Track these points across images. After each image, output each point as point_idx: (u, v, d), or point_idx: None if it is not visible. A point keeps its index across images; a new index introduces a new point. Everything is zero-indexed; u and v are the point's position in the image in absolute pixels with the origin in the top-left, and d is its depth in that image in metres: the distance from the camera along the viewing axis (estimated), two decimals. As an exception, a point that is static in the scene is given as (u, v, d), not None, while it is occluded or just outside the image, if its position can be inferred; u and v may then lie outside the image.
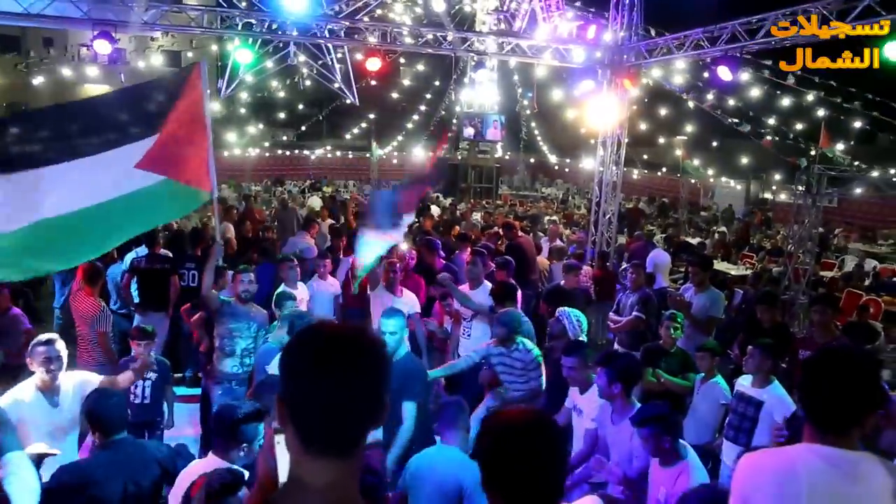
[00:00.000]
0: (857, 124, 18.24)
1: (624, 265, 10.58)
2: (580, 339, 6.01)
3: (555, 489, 1.81)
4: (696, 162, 24.58)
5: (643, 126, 25.20)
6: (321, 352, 1.28)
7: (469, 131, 24.32)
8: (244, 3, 12.73)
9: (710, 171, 26.09)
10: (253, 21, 11.77)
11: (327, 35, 12.26)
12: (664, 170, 29.01)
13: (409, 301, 7.11)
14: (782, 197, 23.36)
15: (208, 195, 6.27)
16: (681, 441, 3.94)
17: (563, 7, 13.89)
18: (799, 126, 19.72)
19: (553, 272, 11.01)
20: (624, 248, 14.06)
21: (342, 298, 8.15)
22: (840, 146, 17.10)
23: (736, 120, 18.88)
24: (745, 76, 17.56)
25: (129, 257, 8.71)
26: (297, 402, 1.29)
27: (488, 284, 7.33)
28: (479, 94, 23.09)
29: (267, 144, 31.25)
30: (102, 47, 10.59)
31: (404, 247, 8.63)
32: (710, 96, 17.29)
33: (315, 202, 18.92)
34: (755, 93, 17.42)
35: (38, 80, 18.90)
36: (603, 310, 10.13)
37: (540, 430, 1.82)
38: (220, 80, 14.82)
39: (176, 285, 8.46)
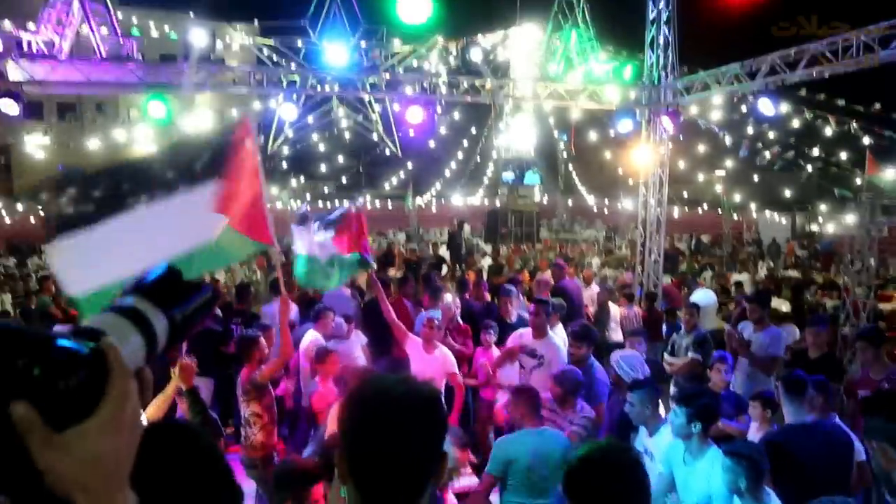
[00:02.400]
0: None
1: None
2: (641, 377, 5.89)
3: None
4: (737, 197, 24.27)
5: (681, 163, 25.10)
6: (378, 405, 1.31)
7: (508, 175, 24.50)
8: (284, 60, 13.19)
9: (753, 205, 25.68)
10: (296, 78, 12.20)
11: (368, 88, 12.62)
12: (705, 206, 28.70)
13: (440, 359, 6.84)
14: (829, 229, 22.83)
15: (268, 246, 6.36)
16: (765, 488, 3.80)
17: (597, 49, 14.06)
18: (843, 155, 19.39)
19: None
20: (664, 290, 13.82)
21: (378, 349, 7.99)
22: (891, 172, 16.70)
23: (778, 149, 18.68)
24: (783, 107, 17.48)
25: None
26: (355, 455, 1.31)
27: (552, 335, 7.16)
28: (516, 138, 23.33)
29: (308, 197, 31.93)
30: (157, 110, 11.07)
31: (448, 298, 8.57)
32: (749, 129, 17.16)
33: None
34: (795, 124, 17.25)
35: (92, 143, 19.81)
36: (653, 351, 9.94)
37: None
38: (260, 135, 15.32)
39: (227, 350, 8.02)
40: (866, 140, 17.38)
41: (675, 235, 27.56)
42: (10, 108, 10.14)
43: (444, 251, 19.02)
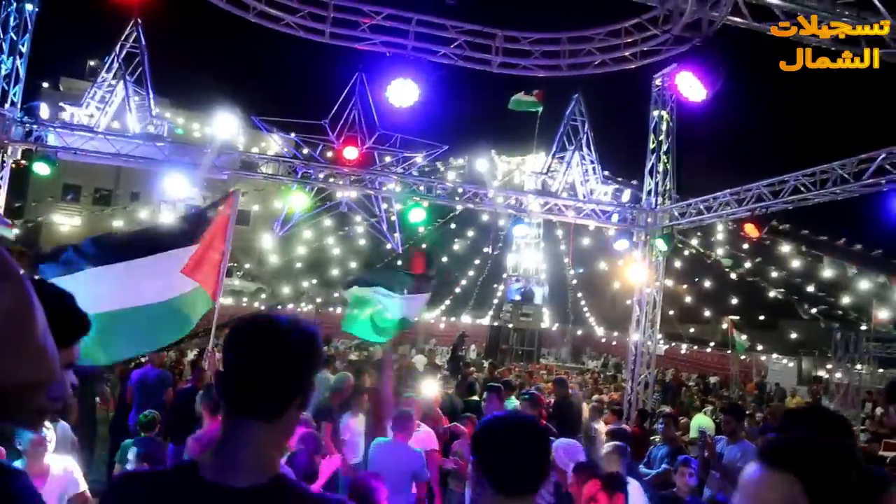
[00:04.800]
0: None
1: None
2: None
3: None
4: (743, 337, 24.16)
5: (688, 299, 25.30)
6: (250, 334, 1.55)
7: (515, 289, 24.84)
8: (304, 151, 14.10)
9: (760, 347, 25.47)
10: (310, 171, 13.00)
11: (377, 187, 13.38)
12: (712, 345, 28.49)
13: (423, 437, 6.97)
14: (838, 375, 22.44)
15: (212, 304, 6.71)
16: None
17: (600, 174, 14.84)
18: (846, 300, 19.48)
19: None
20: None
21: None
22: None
23: (782, 290, 18.86)
24: (785, 248, 17.90)
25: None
26: (228, 375, 1.55)
27: None
28: (524, 257, 23.91)
29: (319, 301, 32.36)
30: (175, 183, 11.85)
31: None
32: (748, 264, 17.50)
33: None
34: (796, 264, 17.57)
35: (117, 223, 20.81)
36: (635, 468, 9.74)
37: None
38: (275, 221, 16.11)
39: None
40: (864, 284, 17.55)
41: (683, 374, 27.26)
42: (42, 168, 11.00)
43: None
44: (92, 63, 29.17)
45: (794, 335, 24.27)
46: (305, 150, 13.95)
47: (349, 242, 26.25)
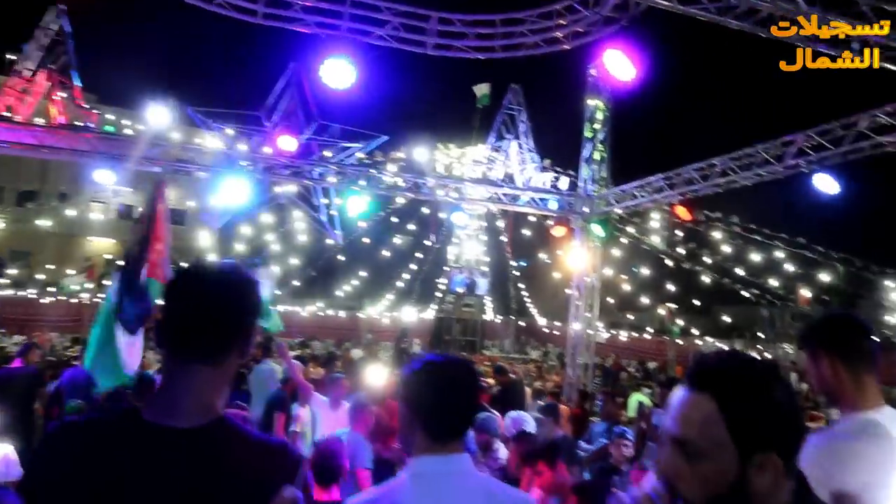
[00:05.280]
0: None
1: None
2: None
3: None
4: (680, 322, 24.96)
5: (627, 288, 25.94)
6: (190, 279, 1.57)
7: (458, 280, 24.96)
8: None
9: (696, 331, 26.35)
10: (248, 163, 12.73)
11: (317, 178, 13.22)
12: (651, 331, 29.30)
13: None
14: (767, 355, 23.44)
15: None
16: None
17: (538, 163, 15.08)
18: (774, 282, 20.33)
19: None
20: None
21: None
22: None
23: (715, 276, 19.50)
24: (717, 234, 18.57)
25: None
26: (169, 320, 1.55)
27: None
28: (466, 248, 24.06)
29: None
30: (104, 177, 11.42)
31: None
32: (681, 249, 18.06)
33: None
34: (727, 249, 18.19)
35: (44, 224, 19.84)
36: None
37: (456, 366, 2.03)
38: (208, 214, 15.69)
39: None
40: (790, 267, 18.37)
41: (623, 361, 27.89)
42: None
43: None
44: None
45: (726, 318, 25.17)
46: (242, 142, 13.67)
47: (289, 238, 25.86)
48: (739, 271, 19.76)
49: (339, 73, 8.79)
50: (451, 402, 1.92)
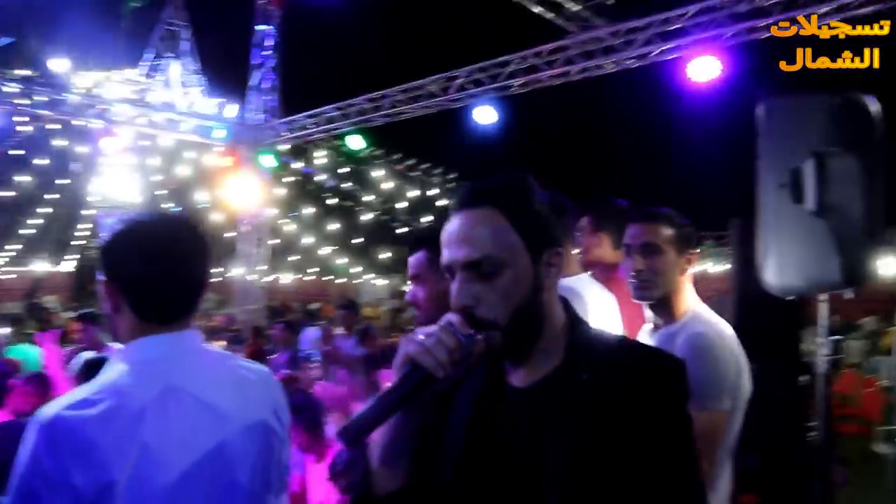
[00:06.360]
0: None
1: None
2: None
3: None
4: (344, 260, 25.90)
5: (292, 227, 25.91)
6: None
7: (107, 230, 21.89)
8: None
9: (359, 269, 27.60)
10: None
11: None
12: (314, 272, 29.84)
13: None
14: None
15: None
16: None
17: (206, 87, 13.88)
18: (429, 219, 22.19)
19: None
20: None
21: None
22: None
23: (376, 212, 20.45)
24: (378, 172, 19.49)
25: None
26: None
27: None
28: (116, 185, 20.84)
29: None
30: None
31: None
32: (343, 185, 18.59)
33: None
34: (388, 186, 19.23)
35: None
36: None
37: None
38: None
39: None
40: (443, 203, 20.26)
41: (291, 305, 27.87)
42: None
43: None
44: None
45: (385, 256, 26.81)
46: None
47: None
48: (400, 207, 21.16)
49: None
50: (168, 270, 1.47)
